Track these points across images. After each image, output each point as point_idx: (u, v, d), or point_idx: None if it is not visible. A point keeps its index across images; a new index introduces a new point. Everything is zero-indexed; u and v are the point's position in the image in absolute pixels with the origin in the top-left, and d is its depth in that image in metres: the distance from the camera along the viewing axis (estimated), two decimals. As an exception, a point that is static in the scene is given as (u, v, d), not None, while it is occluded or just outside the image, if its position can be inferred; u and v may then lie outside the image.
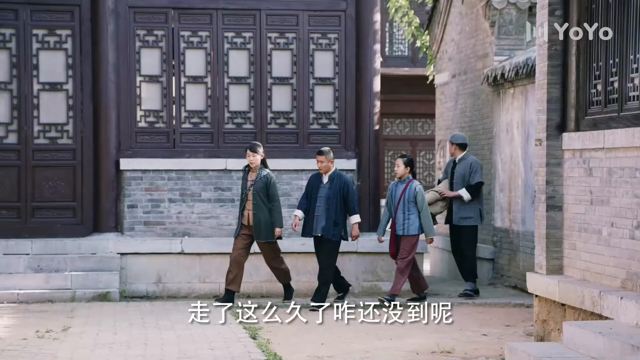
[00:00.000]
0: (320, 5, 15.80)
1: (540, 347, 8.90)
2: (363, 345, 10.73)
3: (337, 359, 9.94)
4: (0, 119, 15.30)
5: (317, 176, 14.25)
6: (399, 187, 14.20)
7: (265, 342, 10.60)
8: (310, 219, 14.07)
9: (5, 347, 10.45)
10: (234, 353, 10.06)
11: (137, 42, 15.49)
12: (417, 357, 10.11)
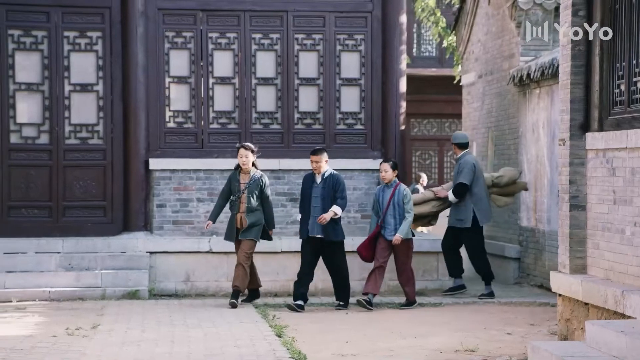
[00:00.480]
0: (346, 7, 15.80)
1: (563, 346, 8.85)
2: (387, 344, 10.71)
3: (361, 357, 9.92)
4: (32, 119, 15.39)
5: (310, 177, 13.93)
6: (387, 191, 13.75)
7: (290, 340, 10.60)
8: (306, 220, 13.69)
9: (36, 344, 10.51)
10: (259, 351, 10.07)
11: (166, 43, 15.54)
12: (441, 355, 10.08)
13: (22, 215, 15.32)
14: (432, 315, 13.14)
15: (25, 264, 14.70)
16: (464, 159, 14.99)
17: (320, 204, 13.61)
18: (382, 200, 13.72)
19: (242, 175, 13.65)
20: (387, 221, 13.63)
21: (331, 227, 13.61)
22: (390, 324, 12.20)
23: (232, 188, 13.68)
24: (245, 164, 13.58)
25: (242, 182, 13.62)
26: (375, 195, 13.94)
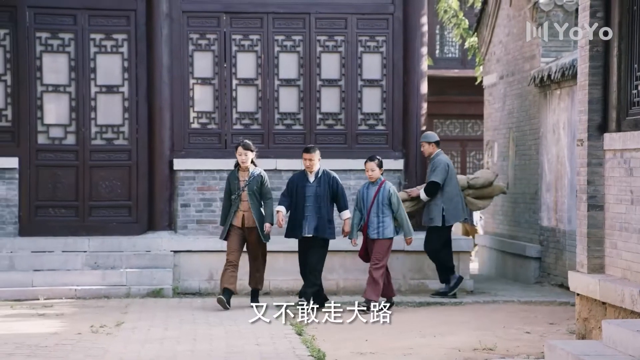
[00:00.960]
0: (368, 9, 15.78)
1: (579, 345, 8.81)
2: (406, 342, 10.69)
3: (380, 355, 9.91)
4: (59, 120, 15.47)
5: (301, 175, 13.47)
6: (371, 189, 13.18)
7: (310, 339, 10.60)
8: (298, 219, 13.24)
9: (60, 341, 10.56)
10: (279, 349, 10.08)
11: (191, 45, 15.58)
12: (459, 354, 10.05)
13: (50, 214, 15.41)
14: (452, 314, 13.11)
15: (53, 262, 14.78)
16: (438, 158, 14.67)
17: (313, 203, 13.20)
18: (366, 198, 13.21)
19: (241, 173, 13.33)
20: (370, 219, 13.12)
21: (327, 225, 13.24)
22: (410, 323, 12.18)
23: (232, 187, 13.36)
24: (244, 162, 13.25)
25: (241, 179, 13.31)
26: (358, 193, 13.46)
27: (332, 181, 13.28)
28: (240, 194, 13.25)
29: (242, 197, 13.25)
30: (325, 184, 13.24)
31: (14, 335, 10.95)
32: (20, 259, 14.75)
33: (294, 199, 13.28)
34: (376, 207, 13.07)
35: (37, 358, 9.55)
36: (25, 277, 14.52)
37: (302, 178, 13.36)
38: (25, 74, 15.32)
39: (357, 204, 13.29)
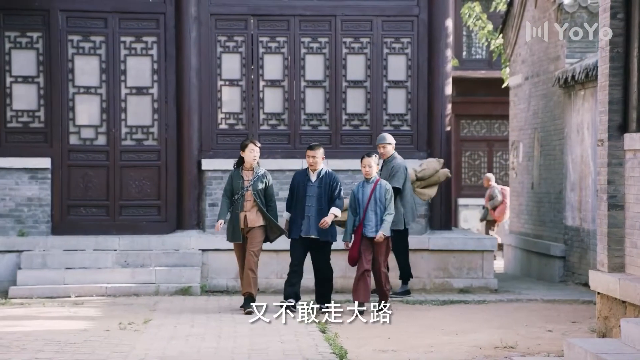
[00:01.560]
0: (393, 11, 15.75)
1: (598, 343, 8.75)
2: (428, 340, 10.67)
3: (402, 353, 9.89)
4: (90, 121, 15.55)
5: (303, 174, 12.92)
6: (367, 187, 12.63)
7: (334, 336, 10.59)
8: (299, 219, 12.70)
9: (89, 337, 10.61)
10: (302, 346, 10.08)
11: (218, 47, 15.62)
12: (480, 351, 10.01)
13: (81, 213, 15.49)
14: (475, 312, 13.06)
15: (84, 260, 14.86)
16: (397, 162, 14.14)
17: (315, 204, 12.69)
18: (362, 197, 12.61)
19: (245, 172, 12.74)
20: (368, 218, 12.56)
21: (329, 227, 12.71)
22: (433, 321, 12.15)
23: (235, 186, 12.73)
24: (255, 159, 12.69)
25: (246, 178, 12.72)
26: (352, 193, 12.77)
27: (333, 182, 12.76)
28: (244, 194, 12.69)
29: (246, 196, 12.70)
30: (326, 185, 12.73)
31: (44, 332, 11.02)
32: (52, 257, 14.84)
33: (294, 198, 12.83)
34: (374, 205, 12.56)
35: (65, 354, 9.60)
36: (57, 275, 14.60)
37: (304, 177, 12.87)
38: (57, 76, 15.41)
39: (351, 205, 12.70)
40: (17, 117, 15.42)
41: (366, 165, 12.69)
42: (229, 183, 12.85)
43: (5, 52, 15.39)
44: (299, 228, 12.66)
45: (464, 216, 26.14)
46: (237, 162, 12.91)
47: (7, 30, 15.40)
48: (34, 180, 15.35)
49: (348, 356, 9.54)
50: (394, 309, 13.27)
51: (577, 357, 8.51)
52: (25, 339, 10.49)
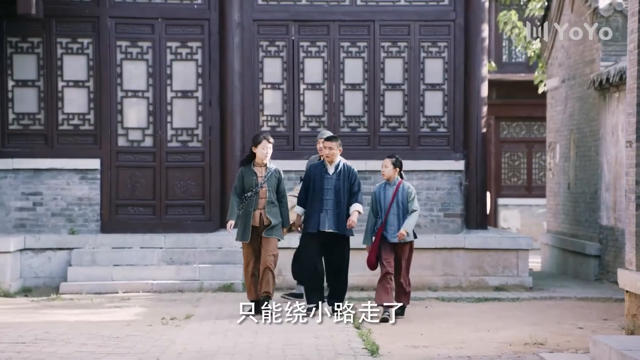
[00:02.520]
0: (430, 16, 15.71)
1: (622, 340, 8.66)
2: (460, 336, 10.61)
3: (433, 349, 9.84)
4: (138, 124, 15.67)
5: (319, 166, 12.05)
6: (389, 189, 11.80)
7: (367, 332, 10.56)
8: (315, 213, 11.85)
9: (131, 332, 10.68)
10: (335, 342, 10.07)
11: (261, 52, 15.67)
12: (510, 348, 9.95)
13: (129, 212, 15.61)
14: (509, 309, 12.98)
15: (131, 258, 14.98)
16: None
17: (333, 197, 11.83)
18: (383, 200, 11.80)
19: (258, 168, 11.85)
20: (389, 222, 11.69)
21: (345, 221, 11.85)
22: (467, 318, 12.09)
23: (247, 183, 11.82)
24: (267, 155, 11.79)
25: (259, 175, 11.82)
26: (373, 195, 11.94)
27: (352, 175, 11.95)
28: (258, 191, 11.78)
29: (261, 193, 11.79)
30: (345, 178, 11.90)
31: (90, 326, 11.12)
32: (101, 254, 14.97)
33: (310, 191, 11.95)
34: (397, 209, 11.74)
35: (107, 347, 9.67)
36: (105, 272, 14.73)
37: (321, 169, 11.99)
38: (106, 80, 15.55)
39: (373, 207, 11.87)
40: (69, 120, 15.57)
41: (383, 166, 11.94)
42: (239, 180, 11.90)
43: (57, 58, 15.55)
44: (316, 222, 11.82)
45: (504, 216, 25.97)
46: (246, 158, 12.05)
47: (59, 36, 15.56)
48: (84, 181, 15.49)
49: (380, 351, 9.51)
50: (429, 305, 13.28)
51: (602, 354, 8.44)
52: (70, 332, 10.60)
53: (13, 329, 10.83)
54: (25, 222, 15.44)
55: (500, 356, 9.31)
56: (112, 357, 9.18)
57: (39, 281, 14.96)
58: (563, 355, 9.29)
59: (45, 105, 15.52)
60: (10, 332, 10.58)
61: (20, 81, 15.54)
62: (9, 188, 15.42)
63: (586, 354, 9.22)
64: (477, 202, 15.69)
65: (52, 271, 15.02)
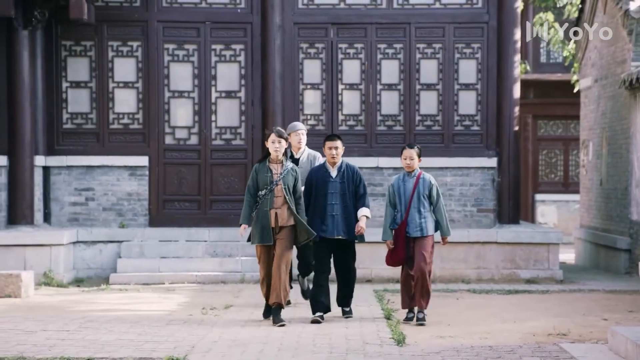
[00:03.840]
0: (464, 18, 15.63)
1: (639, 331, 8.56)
2: (486, 327, 10.54)
3: (458, 339, 9.79)
4: (184, 123, 15.77)
5: (321, 169, 10.84)
6: (409, 181, 10.62)
7: (396, 323, 10.53)
8: (320, 218, 10.67)
9: (171, 321, 10.74)
10: (364, 332, 10.05)
11: (301, 54, 15.69)
12: (533, 338, 9.87)
13: (175, 207, 15.72)
14: (537, 301, 12.88)
15: (177, 250, 15.08)
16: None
17: (339, 201, 10.68)
18: (403, 192, 10.62)
19: (273, 165, 10.55)
20: (410, 215, 10.57)
21: (353, 225, 10.73)
22: (495, 309, 12.01)
23: (261, 181, 10.51)
24: (277, 150, 10.47)
25: (275, 172, 10.51)
26: (391, 187, 10.74)
27: (356, 175, 10.81)
28: (273, 189, 10.45)
29: (276, 192, 10.46)
30: (349, 179, 10.77)
31: (134, 316, 11.20)
32: (149, 247, 15.09)
33: (312, 197, 10.78)
34: (417, 201, 10.57)
35: (146, 336, 9.75)
36: (153, 264, 14.84)
37: (323, 173, 10.79)
38: (154, 81, 15.67)
39: (391, 200, 10.72)
40: (119, 119, 15.71)
41: (407, 157, 10.66)
42: (252, 179, 10.61)
43: (108, 60, 15.69)
44: (321, 229, 10.64)
45: (541, 211, 25.77)
46: (264, 155, 10.71)
47: (110, 40, 15.70)
48: (133, 177, 15.63)
49: (406, 341, 9.48)
50: (460, 297, 13.21)
51: (619, 344, 8.35)
52: (115, 321, 10.69)
53: (61, 318, 10.96)
54: (78, 216, 15.61)
55: (521, 346, 9.24)
56: (149, 344, 9.25)
57: (91, 272, 15.13)
58: (582, 345, 9.20)
59: (97, 105, 15.68)
60: (57, 321, 10.71)
61: (73, 82, 15.71)
62: (63, 184, 15.61)
63: (605, 345, 9.13)
64: (509, 198, 15.58)
65: (103, 263, 15.17)
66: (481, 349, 9.07)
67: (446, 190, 15.34)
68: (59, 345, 9.16)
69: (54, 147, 15.58)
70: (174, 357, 8.45)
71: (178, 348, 9.03)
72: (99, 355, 8.65)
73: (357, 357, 8.70)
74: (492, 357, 8.64)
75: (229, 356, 8.67)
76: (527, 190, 25.74)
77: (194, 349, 8.98)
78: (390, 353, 8.88)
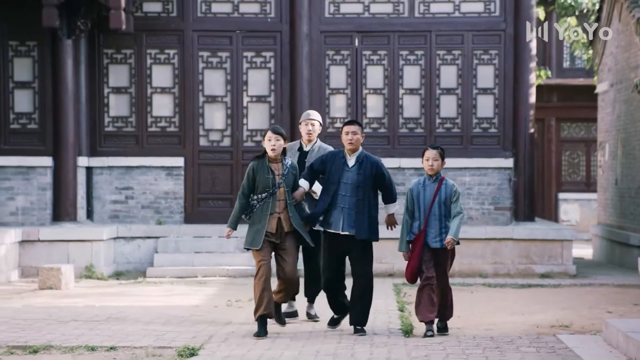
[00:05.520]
0: (482, 26, 15.54)
1: (632, 324, 8.45)
2: (494, 319, 10.47)
3: (465, 330, 9.73)
4: (217, 126, 15.85)
5: (337, 155, 9.21)
6: (430, 187, 9.14)
7: (408, 315, 10.49)
8: (328, 209, 9.12)
9: (196, 312, 10.80)
10: (376, 323, 10.02)
11: (327, 60, 15.69)
12: (536, 329, 9.79)
13: (209, 205, 15.80)
14: (549, 295, 12.77)
15: (210, 246, 15.13)
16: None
17: (352, 193, 9.08)
18: (423, 199, 9.14)
19: (273, 164, 9.16)
20: (430, 224, 9.09)
21: (367, 222, 9.12)
22: (507, 302, 11.92)
23: (261, 182, 9.11)
24: (274, 149, 9.09)
25: (277, 173, 9.14)
26: (410, 192, 9.21)
27: (376, 167, 9.17)
28: (275, 192, 9.11)
29: (278, 195, 9.10)
30: (367, 171, 9.12)
31: (163, 307, 11.27)
32: (184, 243, 15.17)
33: (325, 182, 9.24)
34: (437, 209, 9.12)
35: (169, 326, 9.80)
36: (187, 258, 14.93)
37: (339, 159, 9.19)
38: (190, 87, 15.76)
39: (408, 207, 9.20)
40: (156, 123, 15.83)
41: (430, 159, 9.16)
42: (248, 179, 9.19)
43: (147, 67, 15.81)
44: (330, 222, 9.15)
45: (564, 209, 25.57)
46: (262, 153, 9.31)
47: (149, 48, 15.82)
48: (169, 177, 15.73)
49: (414, 332, 9.44)
50: (475, 290, 13.14)
51: (611, 335, 8.27)
52: (142, 312, 10.76)
53: (93, 308, 11.06)
54: (119, 213, 15.75)
55: (520, 337, 9.16)
56: (171, 334, 9.30)
57: (130, 266, 15.25)
58: (579, 336, 9.11)
59: (136, 109, 15.80)
60: (89, 311, 10.82)
61: (114, 88, 15.85)
62: (105, 183, 15.75)
63: (600, 336, 9.03)
64: (524, 196, 15.47)
65: (141, 257, 15.29)
66: (482, 340, 9.01)
67: (465, 189, 15.27)
68: (86, 334, 9.24)
69: (96, 149, 15.73)
70: (189, 346, 8.49)
71: (197, 337, 9.08)
72: (122, 344, 8.72)
73: (364, 347, 8.69)
74: (490, 347, 8.59)
75: (242, 345, 8.70)
76: (550, 189, 25.56)
77: (211, 339, 9.02)
78: (396, 343, 8.86)
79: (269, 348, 8.60)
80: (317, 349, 8.57)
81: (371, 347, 8.63)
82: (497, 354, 8.30)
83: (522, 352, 8.36)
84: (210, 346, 8.64)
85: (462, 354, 8.29)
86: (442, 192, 9.16)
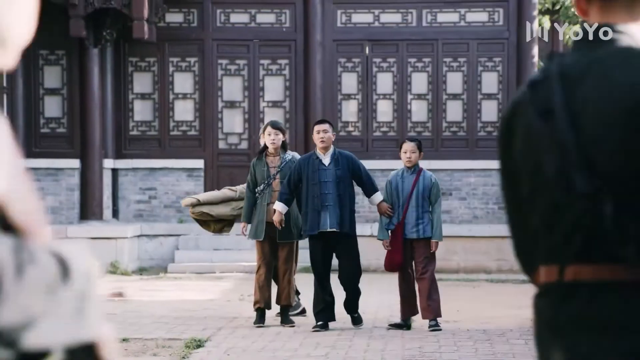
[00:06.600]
0: (487, 35, 15.54)
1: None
2: (491, 313, 10.46)
3: (462, 323, 9.73)
4: (235, 130, 15.95)
5: (310, 158, 9.09)
6: (408, 178, 9.01)
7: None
8: (315, 211, 8.93)
9: (209, 306, 10.84)
10: (378, 316, 9.99)
11: (339, 67, 15.75)
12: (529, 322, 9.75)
13: (228, 205, 15.87)
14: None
15: (228, 243, 15.19)
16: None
17: (333, 190, 8.90)
18: (401, 189, 9.01)
19: (270, 158, 9.31)
20: (408, 215, 8.93)
21: (348, 217, 9.03)
22: (506, 297, 11.89)
23: (259, 175, 9.31)
24: (273, 142, 9.20)
25: (271, 165, 9.28)
26: (388, 184, 9.10)
27: (352, 161, 9.13)
28: (270, 183, 9.22)
29: (274, 186, 9.21)
30: (344, 166, 9.01)
31: (178, 301, 11.34)
32: (203, 240, 15.27)
33: (304, 190, 9.03)
34: (415, 200, 8.93)
35: (182, 319, 9.88)
36: (206, 255, 15.03)
37: (313, 162, 9.03)
38: (209, 93, 15.87)
39: (387, 199, 9.12)
40: (178, 127, 15.96)
41: (407, 151, 9.01)
42: (250, 174, 9.46)
43: (169, 74, 15.95)
44: (316, 223, 8.94)
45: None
46: (261, 148, 9.56)
47: (171, 56, 15.95)
48: (190, 178, 15.85)
49: (412, 325, 9.47)
50: (477, 286, 13.14)
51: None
52: (158, 307, 10.83)
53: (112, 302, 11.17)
54: (142, 212, 15.89)
55: (512, 330, 9.18)
56: (182, 327, 9.39)
57: (153, 262, 15.37)
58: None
59: (159, 114, 15.94)
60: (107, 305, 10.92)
61: (139, 94, 15.99)
62: (129, 184, 15.90)
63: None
64: (527, 197, 15.45)
65: (163, 254, 15.41)
66: (475, 332, 9.03)
67: (470, 189, 15.28)
68: (102, 326, 9.33)
69: (121, 152, 15.87)
70: (196, 338, 8.58)
71: (206, 330, 9.16)
72: (134, 335, 8.81)
73: (362, 339, 8.74)
74: (481, 340, 8.62)
75: (247, 337, 8.78)
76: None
77: (220, 331, 9.10)
78: (394, 336, 8.90)
79: (272, 340, 8.67)
80: (317, 341, 8.64)
81: (369, 340, 8.68)
82: (487, 345, 8.33)
83: (510, 344, 8.37)
84: (217, 338, 8.72)
85: (454, 346, 8.32)
86: (420, 183, 9.03)
